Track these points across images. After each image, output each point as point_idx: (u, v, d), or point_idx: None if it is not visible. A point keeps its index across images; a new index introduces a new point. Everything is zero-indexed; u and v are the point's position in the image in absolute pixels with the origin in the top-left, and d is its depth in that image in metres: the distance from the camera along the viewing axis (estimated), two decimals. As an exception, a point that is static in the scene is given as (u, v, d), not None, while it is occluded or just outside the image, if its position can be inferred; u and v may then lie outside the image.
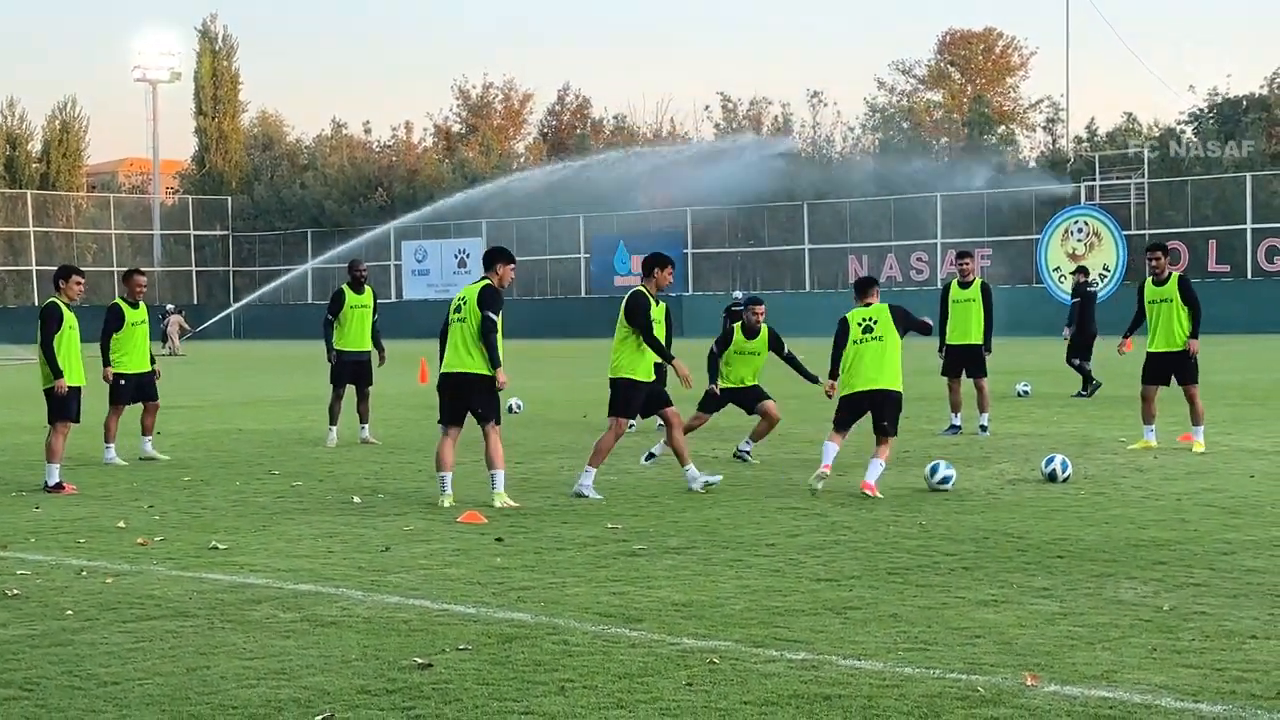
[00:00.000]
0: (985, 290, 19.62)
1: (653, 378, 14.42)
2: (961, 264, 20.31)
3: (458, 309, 13.69)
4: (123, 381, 17.47)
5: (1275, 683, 6.93)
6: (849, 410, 14.28)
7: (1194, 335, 17.21)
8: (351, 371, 19.33)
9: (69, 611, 8.89)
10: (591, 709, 6.64)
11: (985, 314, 19.44)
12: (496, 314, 13.53)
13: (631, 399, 14.24)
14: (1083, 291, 27.18)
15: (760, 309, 17.03)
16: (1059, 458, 14.54)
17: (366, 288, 19.50)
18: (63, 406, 15.36)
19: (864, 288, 14.63)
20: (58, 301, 15.47)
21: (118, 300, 17.71)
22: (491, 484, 13.47)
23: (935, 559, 10.26)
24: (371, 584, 9.65)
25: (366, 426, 19.26)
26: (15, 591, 9.51)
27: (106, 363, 17.42)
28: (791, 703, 6.69)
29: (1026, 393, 25.40)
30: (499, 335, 13.54)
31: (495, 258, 13.86)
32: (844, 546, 10.84)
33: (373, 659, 7.60)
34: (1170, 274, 17.45)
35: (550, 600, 9.04)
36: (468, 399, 13.70)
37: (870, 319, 14.18)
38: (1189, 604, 8.67)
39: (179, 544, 11.39)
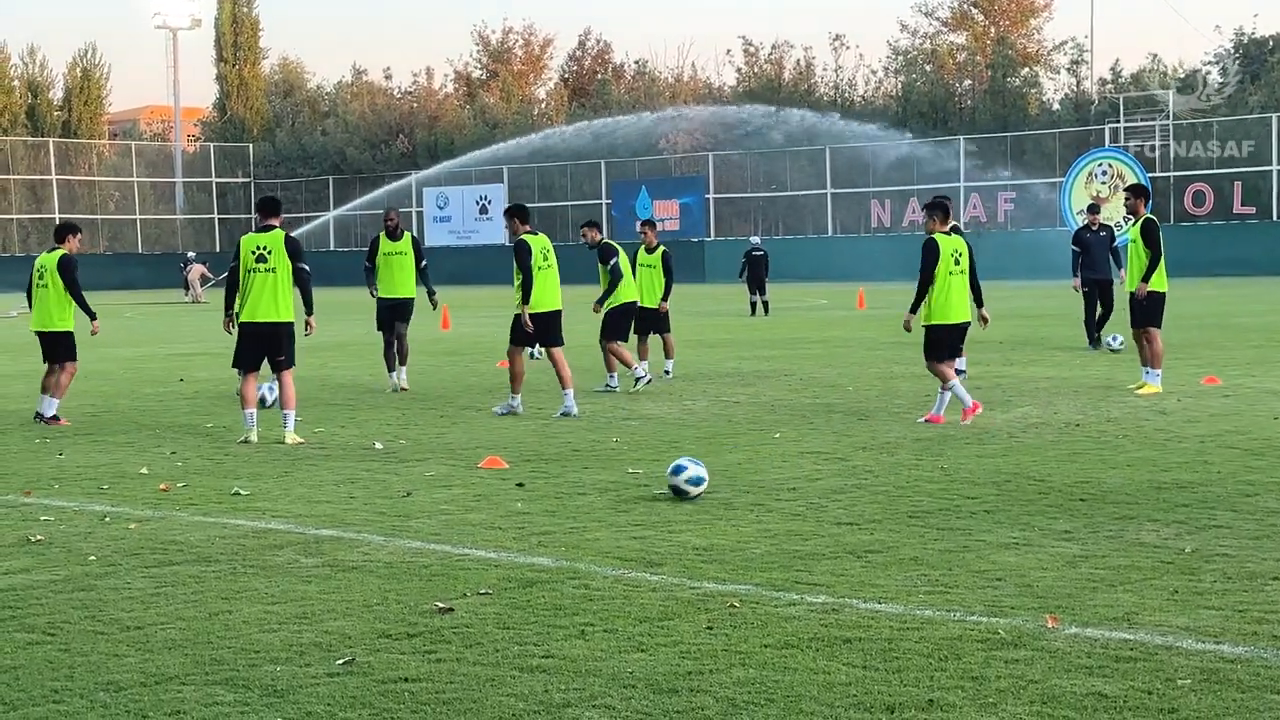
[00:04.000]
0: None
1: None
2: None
3: (261, 259, 14.21)
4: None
5: (1297, 624, 6.90)
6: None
7: (1145, 278, 17.15)
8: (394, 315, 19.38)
9: (92, 557, 8.93)
10: (612, 652, 6.65)
11: None
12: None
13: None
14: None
15: None
16: (689, 469, 10.59)
17: (404, 234, 19.55)
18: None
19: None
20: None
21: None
22: (285, 423, 14.27)
23: (956, 502, 10.25)
24: (393, 529, 9.68)
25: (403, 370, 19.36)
26: (39, 537, 9.56)
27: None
28: (812, 645, 6.69)
29: (1117, 348, 22.61)
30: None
31: (272, 208, 14.60)
32: (865, 490, 10.83)
33: (394, 603, 7.62)
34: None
35: (571, 545, 9.06)
36: (275, 346, 14.41)
37: (956, 251, 14.85)
38: (1211, 546, 8.65)
39: (201, 490, 11.43)
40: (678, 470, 10.55)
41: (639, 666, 6.43)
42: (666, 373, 20.23)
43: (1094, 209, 25.09)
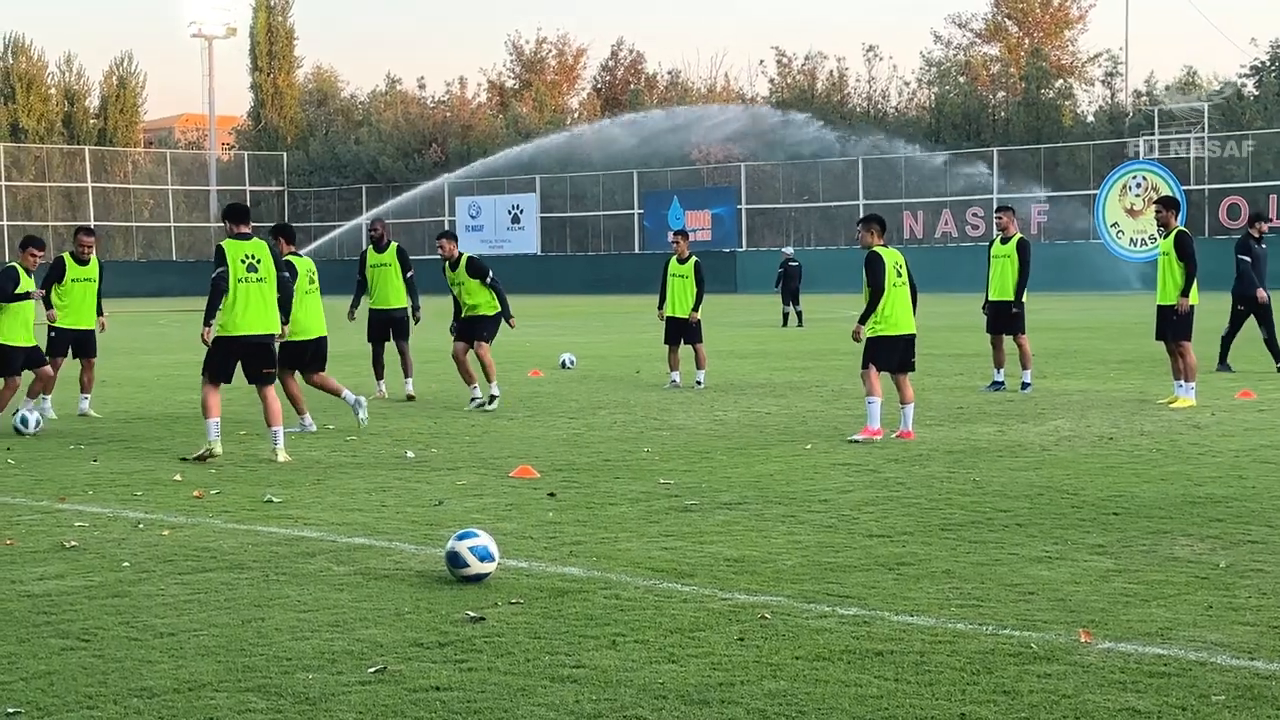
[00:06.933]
0: (1022, 246, 19.40)
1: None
2: (999, 218, 20.20)
3: (252, 268, 13.65)
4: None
5: (1333, 641, 6.86)
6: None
7: (1184, 292, 17.18)
8: (385, 328, 19.67)
9: (126, 563, 8.97)
10: (643, 663, 6.65)
11: (1019, 270, 19.28)
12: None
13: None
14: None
15: None
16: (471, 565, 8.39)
17: (390, 244, 19.81)
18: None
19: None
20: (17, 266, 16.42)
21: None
22: (274, 441, 13.70)
23: (989, 515, 10.22)
24: (425, 538, 9.70)
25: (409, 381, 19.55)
26: (73, 543, 9.61)
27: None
28: (843, 658, 6.68)
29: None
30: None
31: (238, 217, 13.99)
32: (897, 503, 10.80)
33: (425, 612, 7.63)
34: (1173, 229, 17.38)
35: (602, 555, 9.06)
36: (262, 359, 13.90)
37: (899, 263, 15.07)
38: (1246, 561, 8.60)
39: (234, 497, 11.47)
40: (457, 561, 8.36)
41: (670, 677, 6.43)
42: (698, 383, 20.22)
43: (1260, 217, 22.81)
